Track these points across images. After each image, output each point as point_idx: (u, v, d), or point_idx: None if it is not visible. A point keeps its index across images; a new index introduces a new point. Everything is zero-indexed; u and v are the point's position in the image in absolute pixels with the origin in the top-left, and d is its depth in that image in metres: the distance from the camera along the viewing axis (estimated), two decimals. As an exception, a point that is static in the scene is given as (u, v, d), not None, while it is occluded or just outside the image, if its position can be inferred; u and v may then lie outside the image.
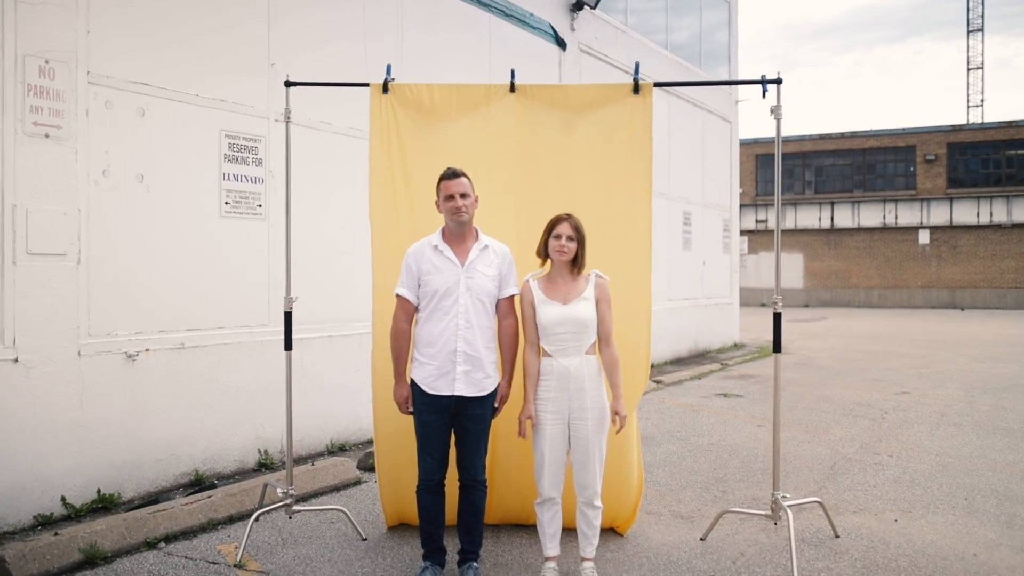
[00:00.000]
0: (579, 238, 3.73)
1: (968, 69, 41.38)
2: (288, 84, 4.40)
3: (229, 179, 5.81)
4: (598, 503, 3.76)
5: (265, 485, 4.65)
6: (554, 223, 3.75)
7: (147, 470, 5.27)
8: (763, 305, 31.00)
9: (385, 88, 4.32)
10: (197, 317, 5.60)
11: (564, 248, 3.70)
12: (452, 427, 3.77)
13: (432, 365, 3.70)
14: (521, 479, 4.39)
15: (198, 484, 5.50)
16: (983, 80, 40.73)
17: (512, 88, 4.32)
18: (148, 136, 5.28)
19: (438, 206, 3.82)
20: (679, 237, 13.23)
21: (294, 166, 6.21)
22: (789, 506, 4.27)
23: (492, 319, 3.80)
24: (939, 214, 29.91)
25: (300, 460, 6.21)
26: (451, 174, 3.74)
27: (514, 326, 3.85)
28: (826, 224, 31.67)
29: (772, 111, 4.30)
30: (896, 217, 30.47)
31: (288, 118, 4.40)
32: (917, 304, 30.48)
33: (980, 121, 31.59)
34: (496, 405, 3.83)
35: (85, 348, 4.89)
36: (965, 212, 29.56)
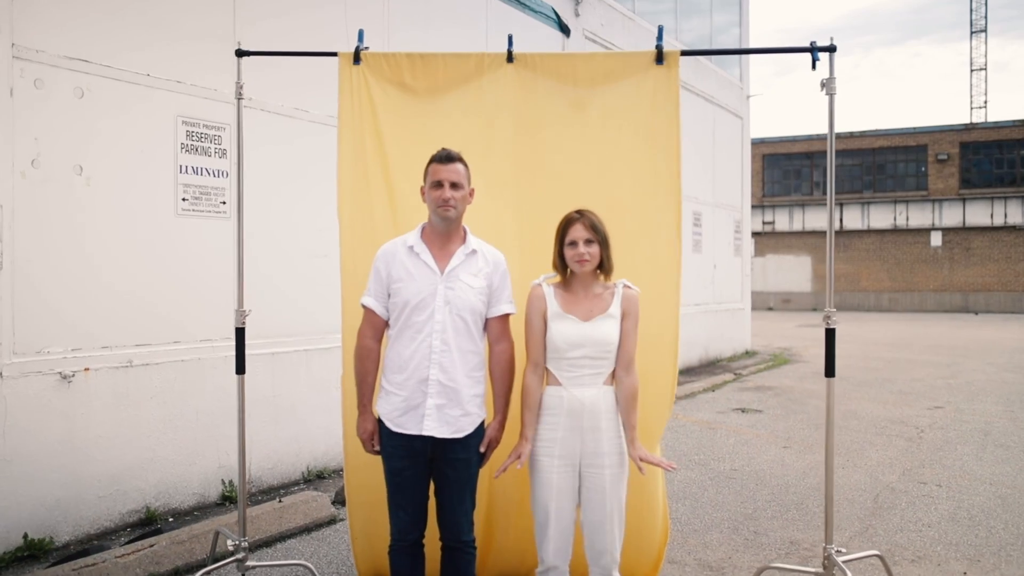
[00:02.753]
0: (600, 238, 2.98)
1: (971, 71, 40.56)
2: (240, 54, 3.66)
3: (187, 172, 5.07)
4: (617, 574, 3.01)
5: (216, 533, 3.91)
6: (565, 227, 3.01)
7: (87, 509, 4.53)
8: (770, 309, 30.28)
9: (356, 58, 3.58)
10: (148, 330, 4.86)
11: (584, 256, 2.96)
12: (430, 474, 3.03)
13: (399, 396, 2.95)
14: (523, 528, 3.63)
15: (149, 523, 4.77)
16: (986, 81, 39.87)
17: (510, 57, 3.58)
18: (88, 121, 4.55)
19: (423, 193, 3.08)
20: (689, 239, 12.48)
21: (264, 159, 5.52)
22: (845, 562, 3.53)
23: (478, 343, 3.04)
24: (952, 215, 29.13)
25: (271, 491, 5.48)
26: (444, 156, 3.00)
27: (508, 353, 3.09)
28: (835, 226, 30.89)
29: (823, 85, 3.57)
30: (907, 218, 29.70)
31: (240, 95, 3.66)
32: (929, 308, 29.69)
33: (983, 121, 30.77)
34: (482, 450, 3.07)
35: (8, 368, 4.15)
36: (979, 213, 28.77)
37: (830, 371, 3.71)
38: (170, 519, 4.88)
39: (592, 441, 2.96)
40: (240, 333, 3.67)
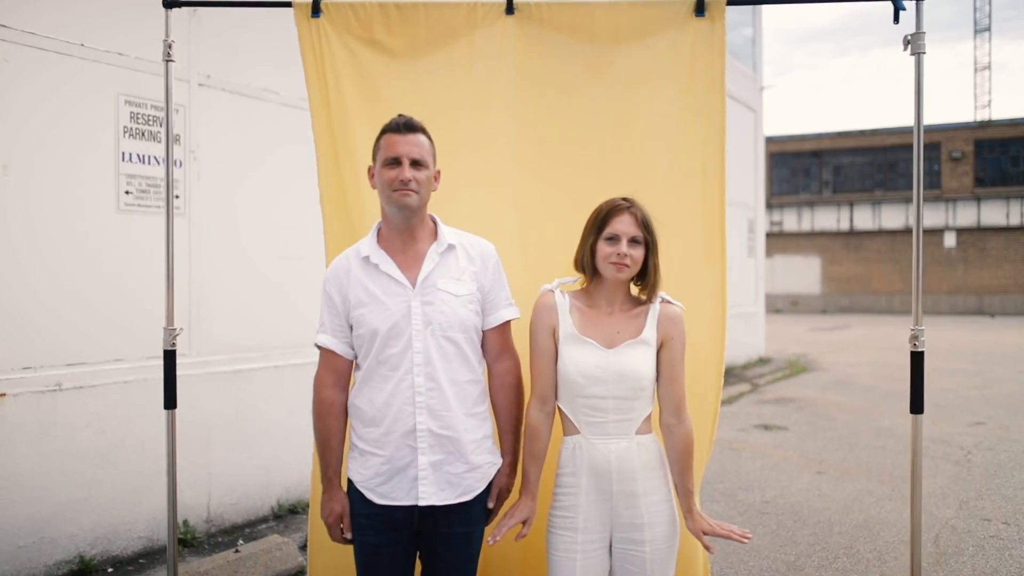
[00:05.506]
0: (649, 240, 2.24)
1: (976, 70, 39.63)
2: (168, 4, 2.90)
3: (131, 160, 4.32)
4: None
5: (146, 603, 3.16)
6: (606, 216, 2.25)
7: (3, 562, 3.78)
8: (778, 311, 29.46)
9: (316, 9, 2.84)
10: (83, 347, 4.11)
11: (626, 260, 2.20)
12: (416, 551, 2.28)
13: (379, 457, 2.20)
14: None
15: (82, 575, 4.02)
16: (990, 80, 38.93)
17: (510, 8, 2.82)
18: (7, 99, 3.81)
19: (371, 175, 2.33)
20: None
21: (226, 146, 4.77)
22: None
23: (476, 368, 2.30)
24: (966, 215, 28.30)
25: (234, 531, 4.73)
26: (403, 124, 2.25)
27: (514, 372, 2.35)
28: (845, 226, 30.09)
29: (907, 42, 2.81)
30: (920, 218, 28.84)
31: (168, 56, 2.91)
32: (943, 311, 28.84)
33: (992, 119, 29.76)
34: (490, 505, 2.32)
35: (-101, 397, 3.41)
36: (994, 213, 27.93)
37: (916, 406, 2.91)
38: (109, 569, 4.13)
39: (627, 508, 2.21)
40: (170, 357, 2.91)
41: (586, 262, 2.28)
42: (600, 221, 2.24)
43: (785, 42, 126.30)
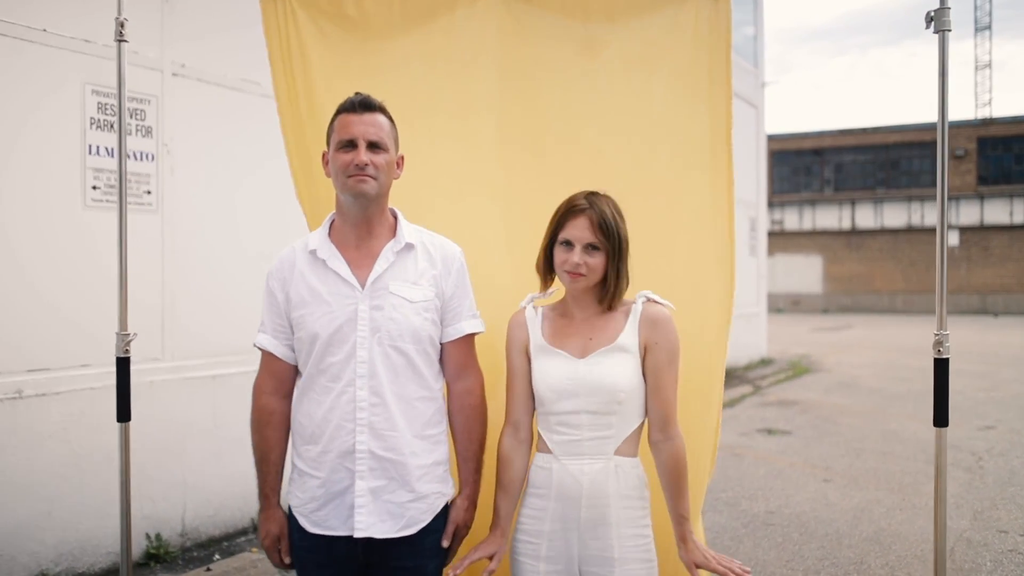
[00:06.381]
0: (611, 248, 1.95)
1: (976, 68, 39.34)
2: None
3: (99, 154, 4.08)
4: None
5: (102, 631, 2.92)
6: (563, 217, 2.00)
7: (-42, 582, 3.55)
8: (779, 311, 29.27)
9: (281, -16, 2.59)
10: (46, 352, 3.87)
11: (579, 268, 1.95)
12: None
13: (315, 478, 1.97)
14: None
15: (46, 594, 3.79)
16: (991, 79, 38.54)
17: (494, -18, 2.58)
18: (-40, 86, 3.57)
19: (325, 162, 2.08)
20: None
21: (201, 140, 4.54)
22: None
23: (432, 384, 2.04)
24: (969, 213, 28.08)
25: (210, 544, 4.49)
26: (359, 103, 1.99)
27: (476, 394, 2.09)
28: (847, 225, 29.86)
29: (929, 19, 2.54)
30: (922, 217, 28.64)
31: (121, 35, 2.65)
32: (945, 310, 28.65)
33: (996, 116, 29.52)
34: (444, 544, 2.05)
35: None
36: (997, 211, 27.73)
37: (941, 418, 2.63)
38: (74, 589, 3.89)
39: (596, 539, 1.95)
40: (123, 365, 2.66)
41: (541, 266, 2.06)
42: (556, 223, 2.01)
43: (785, 41, 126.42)
